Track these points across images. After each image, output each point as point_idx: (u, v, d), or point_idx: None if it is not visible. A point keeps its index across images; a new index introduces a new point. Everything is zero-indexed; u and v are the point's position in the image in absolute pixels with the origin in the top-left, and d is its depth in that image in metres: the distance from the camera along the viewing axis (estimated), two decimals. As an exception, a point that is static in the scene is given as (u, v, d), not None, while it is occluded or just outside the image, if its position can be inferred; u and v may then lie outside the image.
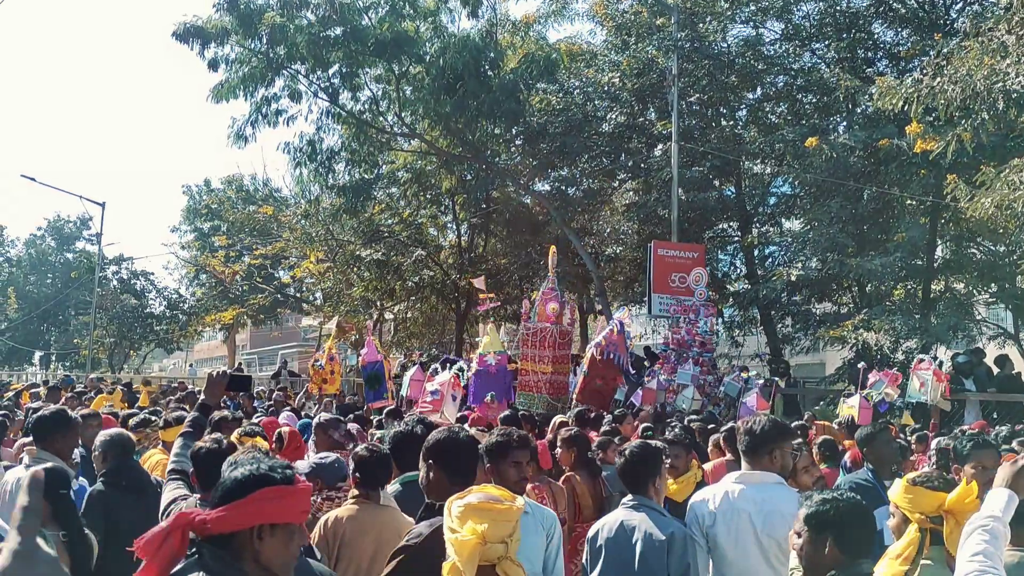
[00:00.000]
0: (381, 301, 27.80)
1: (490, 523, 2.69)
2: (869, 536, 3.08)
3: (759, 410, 12.03)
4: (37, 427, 5.35)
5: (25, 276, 58.60)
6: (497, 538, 2.70)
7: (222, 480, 2.40)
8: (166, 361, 61.14)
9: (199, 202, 45.41)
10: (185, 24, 20.84)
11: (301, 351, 47.33)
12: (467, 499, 2.78)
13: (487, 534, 2.67)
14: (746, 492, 4.11)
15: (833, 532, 2.93)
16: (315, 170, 23.90)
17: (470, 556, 2.62)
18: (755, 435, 4.27)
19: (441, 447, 3.58)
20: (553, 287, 15.38)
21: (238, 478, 2.33)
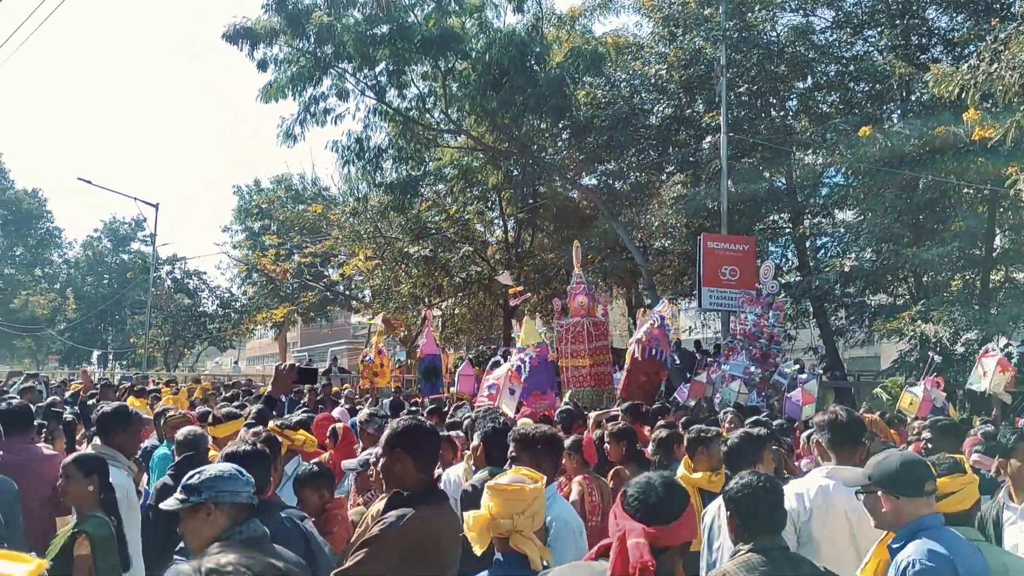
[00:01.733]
0: (429, 297, 27.88)
1: (500, 501, 2.98)
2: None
3: (804, 404, 11.87)
4: (100, 423, 5.43)
5: (83, 277, 59.88)
6: (505, 514, 2.96)
7: None
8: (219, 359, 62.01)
9: (250, 202, 45.95)
10: (235, 26, 21.04)
11: (351, 348, 47.68)
12: (496, 480, 3.09)
13: (494, 511, 2.97)
14: (840, 488, 4.00)
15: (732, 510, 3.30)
16: (363, 168, 24.02)
17: (479, 530, 2.96)
18: (842, 429, 4.21)
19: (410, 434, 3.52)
20: (581, 281, 15.33)
21: None
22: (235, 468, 3.32)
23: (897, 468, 3.39)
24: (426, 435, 3.57)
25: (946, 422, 5.63)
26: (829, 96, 20.95)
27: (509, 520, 2.96)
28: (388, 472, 3.46)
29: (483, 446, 4.96)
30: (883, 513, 3.41)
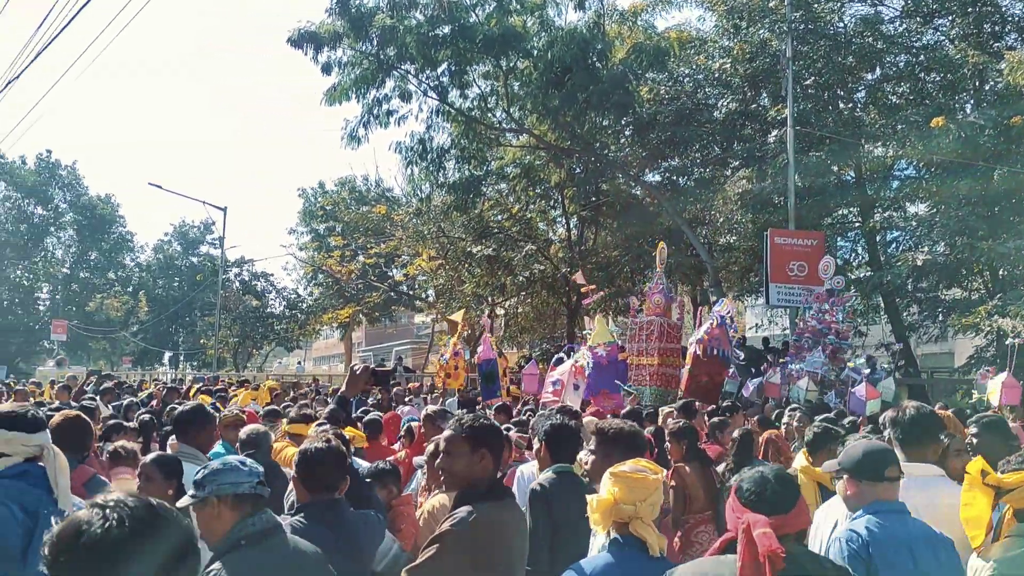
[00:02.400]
0: (492, 297, 27.94)
1: (624, 487, 3.11)
2: None
3: (869, 399, 11.65)
4: (177, 422, 5.51)
5: (154, 280, 61.24)
6: (628, 500, 3.09)
7: None
8: (286, 359, 62.96)
9: (314, 204, 46.54)
10: (299, 30, 21.35)
11: (414, 347, 48.03)
12: (618, 468, 3.21)
13: (619, 496, 3.09)
14: (910, 485, 3.90)
15: None
16: (426, 168, 24.20)
17: (602, 512, 3.09)
18: (913, 425, 4.11)
19: (493, 433, 3.64)
20: (660, 281, 15.22)
21: None
22: (238, 460, 3.31)
23: (861, 455, 3.66)
24: (500, 434, 3.68)
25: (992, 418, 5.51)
26: (899, 87, 20.48)
27: (632, 506, 3.10)
28: (464, 469, 3.49)
29: (545, 446, 4.95)
30: (848, 496, 3.68)
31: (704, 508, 6.59)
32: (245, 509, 3.18)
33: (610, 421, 4.61)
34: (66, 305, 58.94)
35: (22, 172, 59.47)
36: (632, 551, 3.10)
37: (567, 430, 4.80)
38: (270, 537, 3.17)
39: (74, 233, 61.98)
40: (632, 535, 3.11)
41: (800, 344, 15.41)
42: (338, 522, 3.76)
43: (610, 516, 3.10)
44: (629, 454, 4.28)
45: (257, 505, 3.21)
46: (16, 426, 3.68)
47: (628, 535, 3.12)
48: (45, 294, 63.07)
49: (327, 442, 4.06)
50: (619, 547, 3.13)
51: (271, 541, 3.17)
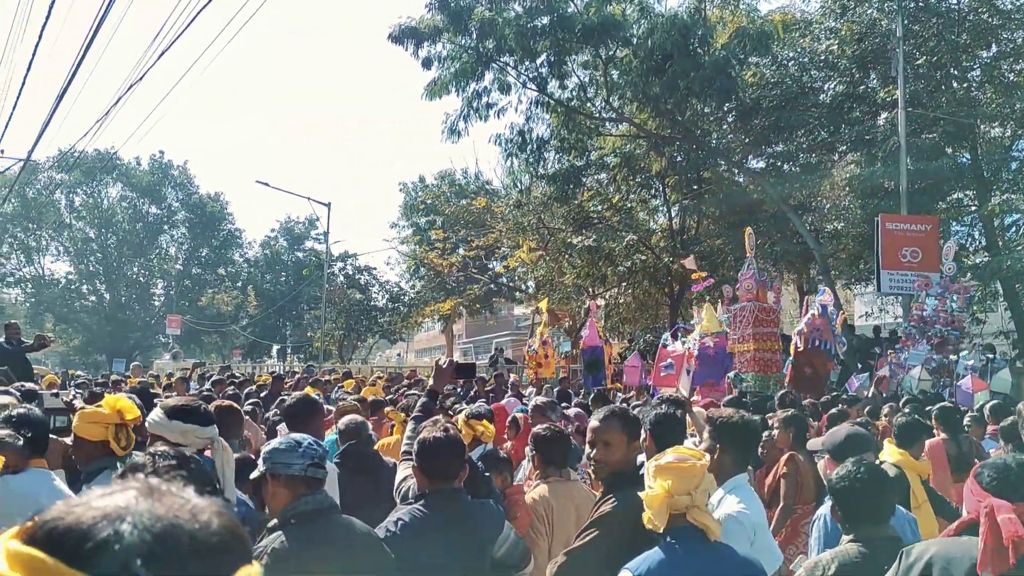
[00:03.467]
0: (592, 287, 27.82)
1: (674, 479, 3.05)
2: None
3: (976, 391, 11.22)
4: (287, 412, 5.67)
5: (262, 275, 63.02)
6: (683, 491, 3.04)
7: None
8: (389, 351, 64.03)
9: (415, 198, 47.12)
10: (400, 26, 21.64)
11: (515, 339, 48.21)
12: (660, 460, 3.15)
13: (672, 488, 3.04)
14: None
15: None
16: (525, 160, 24.25)
17: (659, 508, 3.04)
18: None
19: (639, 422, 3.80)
20: (751, 267, 14.95)
21: None
22: (294, 440, 3.40)
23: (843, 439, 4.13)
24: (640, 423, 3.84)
25: None
26: (1016, 64, 19.60)
27: (688, 496, 3.05)
28: (621, 459, 3.65)
29: (651, 436, 4.92)
30: (827, 475, 3.99)
31: (812, 499, 6.45)
32: (298, 489, 3.29)
33: (722, 410, 4.57)
34: (180, 300, 61.14)
35: (137, 173, 61.88)
36: (691, 542, 3.06)
37: (673, 420, 4.75)
38: (320, 517, 3.27)
39: (186, 231, 64.23)
40: (688, 524, 3.07)
41: (908, 333, 14.93)
42: (457, 510, 3.81)
43: (666, 510, 3.06)
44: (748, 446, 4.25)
45: (311, 486, 3.31)
46: (192, 419, 3.87)
47: (684, 525, 3.07)
48: (160, 290, 65.61)
49: (445, 431, 4.11)
50: (676, 539, 3.09)
51: (321, 521, 3.27)
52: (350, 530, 3.38)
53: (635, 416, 3.77)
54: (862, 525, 3.34)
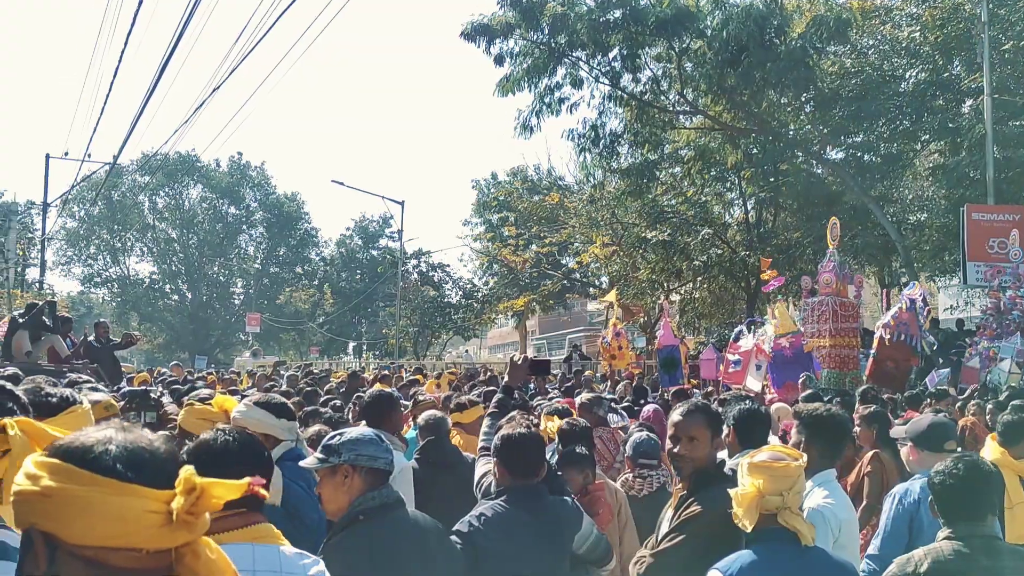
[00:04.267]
0: (667, 282, 27.60)
1: (766, 478, 2.98)
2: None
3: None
4: (366, 409, 5.74)
5: (337, 273, 63.96)
6: (774, 491, 2.97)
7: None
8: (462, 348, 64.42)
9: (487, 195, 47.30)
10: (472, 23, 21.73)
11: (588, 335, 48.08)
12: (754, 458, 3.08)
13: (763, 487, 2.97)
14: None
15: None
16: (599, 155, 24.13)
17: (748, 507, 2.97)
18: None
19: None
20: (832, 259, 14.61)
21: None
22: (375, 433, 3.38)
23: (926, 427, 4.21)
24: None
25: None
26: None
27: (779, 497, 2.97)
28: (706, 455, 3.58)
29: (734, 431, 4.85)
30: (910, 461, 4.25)
31: (899, 495, 6.30)
32: (374, 483, 3.25)
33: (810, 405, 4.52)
34: (258, 299, 62.40)
35: (217, 174, 63.30)
36: (780, 544, 2.99)
37: (758, 415, 4.68)
38: (389, 511, 3.23)
39: (264, 230, 65.51)
40: (779, 527, 2.99)
41: (986, 323, 14.42)
42: (538, 506, 3.81)
43: (756, 510, 2.99)
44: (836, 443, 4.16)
45: (383, 480, 3.29)
46: (283, 413, 4.05)
47: (774, 527, 2.99)
48: (239, 289, 67.05)
49: (527, 427, 4.12)
50: (765, 541, 3.02)
51: (390, 515, 3.23)
52: (418, 524, 3.38)
53: (717, 411, 3.71)
54: (960, 522, 3.25)
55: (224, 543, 2.04)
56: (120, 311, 61.25)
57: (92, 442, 1.38)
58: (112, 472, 1.35)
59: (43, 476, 1.34)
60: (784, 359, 12.54)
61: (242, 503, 2.09)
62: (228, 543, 2.21)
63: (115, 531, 1.34)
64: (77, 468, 1.34)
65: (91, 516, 1.32)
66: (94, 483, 1.33)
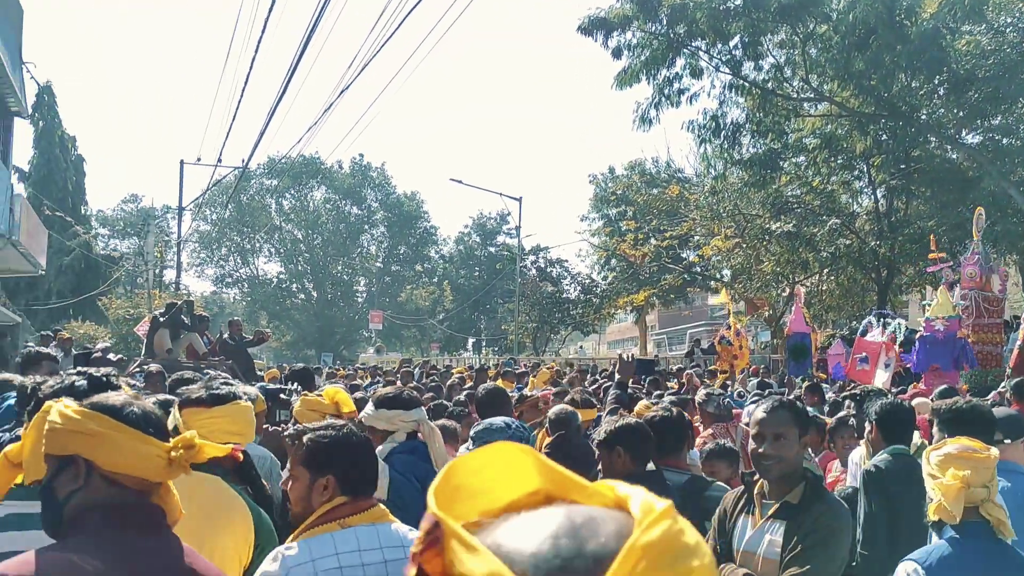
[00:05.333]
0: (793, 275, 26.92)
1: (972, 470, 2.93)
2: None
3: None
4: (479, 403, 5.90)
5: (456, 270, 64.87)
6: (979, 483, 2.93)
7: None
8: (583, 343, 64.38)
9: (605, 189, 47.11)
10: (589, 17, 21.70)
11: (709, 329, 47.36)
12: (945, 450, 3.02)
13: (970, 479, 2.91)
14: None
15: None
16: (720, 146, 23.75)
17: (955, 499, 2.91)
18: None
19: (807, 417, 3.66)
20: (976, 251, 13.90)
21: None
22: (503, 422, 3.60)
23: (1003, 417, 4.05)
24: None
25: None
26: None
27: (984, 488, 2.93)
28: (794, 456, 3.30)
29: (876, 427, 4.71)
30: None
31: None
32: None
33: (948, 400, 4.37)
34: (380, 297, 63.83)
35: (339, 176, 65.02)
36: (978, 539, 2.92)
37: (901, 411, 4.56)
38: None
39: (385, 230, 67.00)
40: (974, 520, 2.93)
41: None
42: (662, 491, 3.82)
43: (963, 501, 2.91)
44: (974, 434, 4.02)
45: None
46: (396, 405, 4.09)
47: (973, 520, 2.93)
48: (362, 287, 68.74)
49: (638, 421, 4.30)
50: (963, 534, 2.95)
51: None
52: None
53: (805, 410, 3.51)
54: None
55: (349, 526, 2.58)
56: (250, 310, 63.58)
57: (121, 403, 1.96)
58: (137, 425, 1.93)
59: (90, 422, 1.91)
60: (934, 340, 12.00)
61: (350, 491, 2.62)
62: (354, 525, 2.58)
63: (134, 464, 1.91)
64: (114, 420, 1.91)
65: (120, 452, 1.89)
66: (125, 431, 1.90)
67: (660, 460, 4.67)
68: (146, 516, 1.96)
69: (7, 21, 20.15)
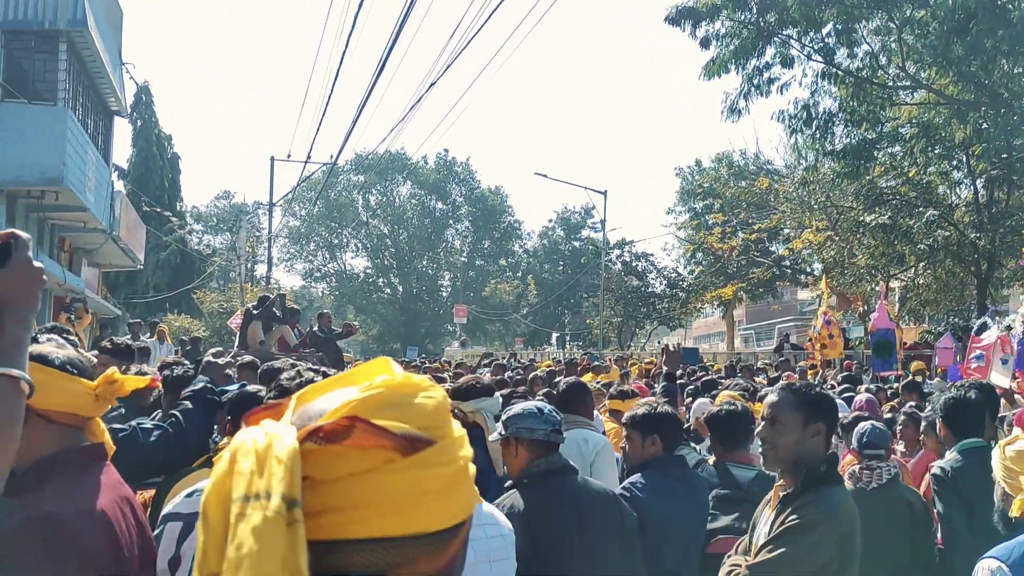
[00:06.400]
0: (888, 268, 26.21)
1: None
2: None
3: None
4: (561, 396, 5.94)
5: (540, 265, 64.96)
6: None
7: None
8: (667, 339, 63.80)
9: (692, 182, 46.61)
10: (677, 6, 21.45)
11: (799, 324, 46.53)
12: (1020, 444, 2.96)
13: None
14: None
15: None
16: (811, 136, 23.24)
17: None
18: None
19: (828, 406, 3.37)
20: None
21: None
22: (536, 407, 3.68)
23: None
24: (836, 407, 3.34)
25: None
26: None
27: None
28: (792, 444, 3.13)
29: (943, 423, 4.56)
30: None
31: None
32: (539, 452, 3.56)
33: None
34: (465, 291, 64.32)
35: (424, 171, 65.68)
36: None
37: (968, 403, 4.41)
38: (555, 477, 3.53)
39: (469, 224, 67.48)
40: None
41: None
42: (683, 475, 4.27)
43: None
44: None
45: (549, 449, 3.58)
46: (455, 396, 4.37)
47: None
48: (447, 281, 69.38)
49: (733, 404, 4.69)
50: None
51: (556, 480, 3.53)
52: (583, 490, 3.61)
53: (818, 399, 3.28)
54: None
55: None
56: (338, 304, 64.73)
57: (47, 352, 2.17)
58: (63, 368, 2.15)
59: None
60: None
61: None
62: None
63: (65, 403, 2.14)
64: (42, 365, 2.08)
65: (52, 392, 2.09)
66: (53, 374, 2.12)
67: (725, 454, 4.70)
68: (92, 450, 2.23)
69: (108, 23, 20.85)
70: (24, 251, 1.68)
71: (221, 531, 0.91)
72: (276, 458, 0.92)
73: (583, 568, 3.40)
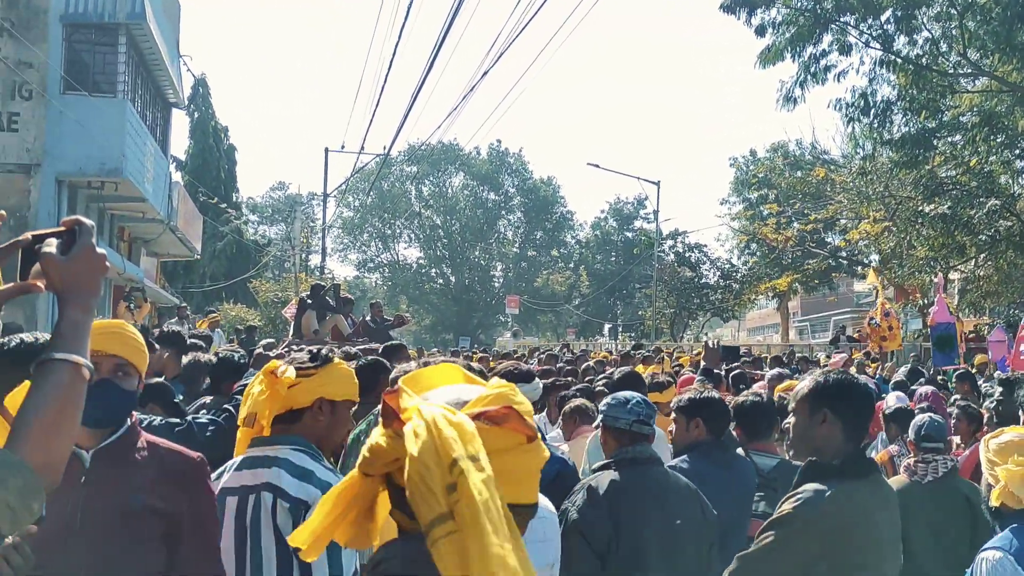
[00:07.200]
0: (948, 259, 25.64)
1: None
2: None
3: None
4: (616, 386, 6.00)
5: (592, 255, 64.73)
6: None
7: None
8: (720, 330, 63.28)
9: (746, 172, 46.07)
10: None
11: (855, 317, 45.78)
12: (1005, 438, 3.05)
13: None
14: None
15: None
16: (869, 125, 22.83)
17: (1020, 484, 2.91)
18: None
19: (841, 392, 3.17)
20: None
21: None
22: (624, 397, 3.81)
23: None
24: (861, 397, 3.10)
25: None
26: None
27: None
28: (803, 436, 3.04)
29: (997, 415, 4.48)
30: None
31: None
32: (623, 440, 3.70)
33: None
34: (517, 282, 64.37)
35: (477, 162, 65.79)
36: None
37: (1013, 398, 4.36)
38: (639, 465, 3.63)
39: (522, 215, 67.47)
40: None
41: None
42: (726, 460, 4.35)
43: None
44: None
45: (635, 439, 3.69)
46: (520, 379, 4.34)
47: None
48: (499, 272, 69.43)
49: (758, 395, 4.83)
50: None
51: (640, 469, 3.62)
52: (665, 481, 3.68)
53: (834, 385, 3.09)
54: None
55: None
56: (391, 294, 65.17)
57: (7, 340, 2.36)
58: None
59: None
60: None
61: None
62: None
63: None
64: None
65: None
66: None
67: (749, 443, 4.71)
68: None
69: (166, 17, 21.20)
70: (88, 238, 1.66)
71: (439, 477, 1.23)
72: (472, 432, 1.28)
73: (660, 557, 3.43)
